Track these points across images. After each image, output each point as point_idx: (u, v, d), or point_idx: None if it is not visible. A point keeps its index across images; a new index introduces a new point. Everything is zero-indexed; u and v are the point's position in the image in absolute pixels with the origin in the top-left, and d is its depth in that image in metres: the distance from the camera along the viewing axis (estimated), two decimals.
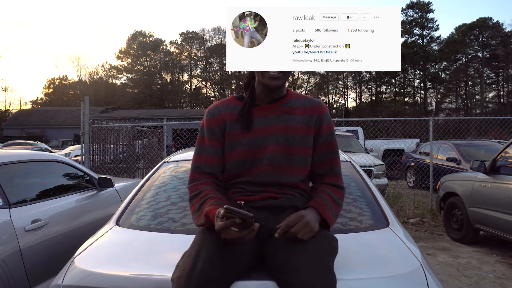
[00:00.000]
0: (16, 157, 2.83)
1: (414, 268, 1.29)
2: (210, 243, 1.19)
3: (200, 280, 1.09)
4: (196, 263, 1.13)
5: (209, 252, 1.16)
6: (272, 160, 1.40)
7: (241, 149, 1.42)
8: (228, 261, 1.16)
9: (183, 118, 24.03)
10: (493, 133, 11.99)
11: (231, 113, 1.46)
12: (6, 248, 2.30)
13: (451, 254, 4.42)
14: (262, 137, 1.41)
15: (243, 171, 1.42)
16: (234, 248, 1.19)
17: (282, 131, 1.42)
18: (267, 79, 1.37)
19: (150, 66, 57.29)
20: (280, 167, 1.40)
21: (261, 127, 1.42)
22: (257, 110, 1.45)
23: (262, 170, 1.40)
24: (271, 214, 1.36)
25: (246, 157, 1.41)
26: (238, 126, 1.44)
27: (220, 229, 1.13)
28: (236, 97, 1.53)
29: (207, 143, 1.46)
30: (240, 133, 1.43)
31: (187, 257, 1.19)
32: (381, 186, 7.01)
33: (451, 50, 46.90)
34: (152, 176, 2.19)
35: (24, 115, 38.01)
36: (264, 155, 1.40)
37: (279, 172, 1.40)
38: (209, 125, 1.46)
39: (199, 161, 1.45)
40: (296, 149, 1.42)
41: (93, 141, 7.29)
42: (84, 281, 1.30)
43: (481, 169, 4.49)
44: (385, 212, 1.77)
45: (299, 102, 1.48)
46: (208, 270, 1.11)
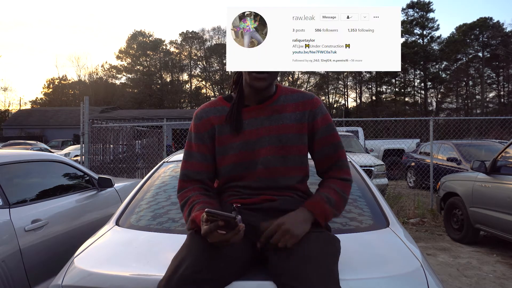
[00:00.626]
0: (16, 157, 2.82)
1: (414, 268, 1.29)
2: (196, 246, 1.17)
3: (180, 282, 1.07)
4: (179, 266, 1.12)
5: (193, 255, 1.14)
6: (266, 164, 1.37)
7: (232, 153, 1.39)
8: (216, 264, 1.13)
9: (183, 118, 24.02)
10: (494, 133, 11.99)
11: (220, 116, 1.42)
12: (6, 248, 2.30)
13: (451, 254, 4.42)
14: (254, 140, 1.38)
15: (237, 175, 1.40)
16: (222, 251, 1.16)
17: (274, 132, 1.38)
18: (253, 80, 1.33)
19: (150, 66, 57.31)
20: (275, 170, 1.38)
21: (251, 129, 1.39)
22: (246, 111, 1.41)
23: (257, 175, 1.38)
24: (269, 216, 1.33)
25: (238, 161, 1.38)
26: (228, 129, 1.40)
27: (205, 234, 1.11)
28: (225, 97, 1.48)
29: (194, 149, 1.43)
30: (230, 136, 1.40)
31: (173, 260, 1.18)
32: (381, 186, 7.01)
33: (451, 50, 46.90)
34: (152, 176, 2.19)
35: (24, 115, 38.03)
36: (258, 159, 1.37)
37: (275, 175, 1.38)
38: (196, 130, 1.43)
39: (187, 168, 1.42)
40: (291, 149, 1.39)
41: (92, 141, 7.29)
42: (84, 281, 1.29)
43: (481, 169, 4.49)
44: (385, 212, 1.77)
45: (290, 98, 1.43)
46: (191, 272, 1.09)
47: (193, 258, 1.13)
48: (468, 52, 48.28)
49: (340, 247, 1.28)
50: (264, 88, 1.36)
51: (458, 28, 48.60)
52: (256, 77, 1.33)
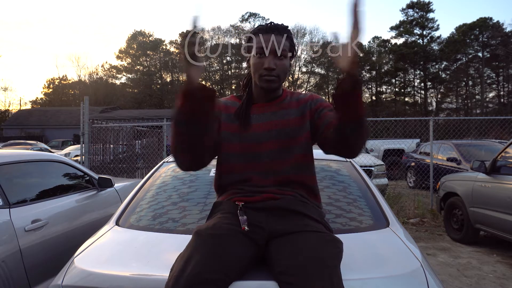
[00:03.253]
0: (16, 157, 2.82)
1: (414, 268, 1.29)
2: (203, 246, 1.18)
3: (188, 282, 1.07)
4: (186, 265, 1.12)
5: (201, 254, 1.15)
6: (272, 157, 1.42)
7: (237, 142, 1.44)
8: (222, 263, 1.14)
9: None
10: (494, 133, 11.98)
11: (229, 106, 1.49)
12: (6, 248, 2.30)
13: (451, 254, 4.42)
14: (259, 133, 1.43)
15: (242, 166, 1.42)
16: (228, 250, 1.17)
17: (279, 126, 1.44)
18: (263, 81, 1.39)
19: (150, 66, 57.28)
20: (281, 162, 1.42)
21: (258, 123, 1.45)
22: (255, 107, 1.48)
23: (262, 169, 1.41)
24: (272, 215, 1.34)
25: (242, 151, 1.42)
26: (234, 119, 1.46)
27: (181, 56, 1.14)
28: (237, 96, 1.56)
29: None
30: (237, 126, 1.45)
31: (180, 259, 1.18)
32: (381, 186, 7.01)
33: (451, 50, 46.88)
34: (152, 176, 2.19)
35: (24, 115, 38.02)
36: (263, 152, 1.42)
37: (280, 167, 1.42)
38: None
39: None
40: (295, 140, 1.44)
41: (92, 141, 7.29)
42: (84, 281, 1.29)
43: (481, 169, 4.49)
44: (385, 212, 1.77)
45: (295, 97, 1.51)
46: (198, 272, 1.09)
47: (199, 258, 1.14)
48: (468, 52, 48.25)
49: (342, 249, 1.28)
50: (273, 89, 1.43)
51: (458, 28, 48.58)
52: (266, 79, 1.38)
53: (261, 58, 1.39)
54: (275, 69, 1.38)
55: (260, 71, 1.39)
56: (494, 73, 48.97)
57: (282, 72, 1.41)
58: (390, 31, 59.96)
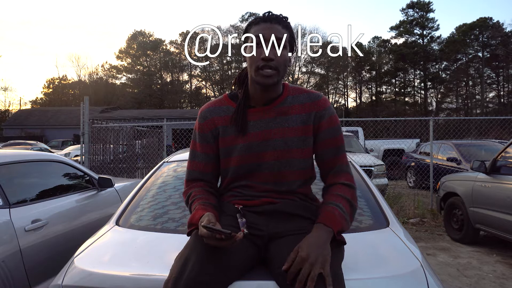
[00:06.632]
0: (16, 157, 2.82)
1: (414, 268, 1.29)
2: (201, 246, 1.16)
3: (187, 285, 1.06)
4: (185, 266, 1.11)
5: (199, 255, 1.13)
6: (272, 168, 1.35)
7: (237, 155, 1.36)
8: (220, 264, 1.13)
9: (183, 118, 24.03)
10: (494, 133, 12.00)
11: (224, 117, 1.39)
12: (6, 248, 2.30)
13: (451, 254, 4.42)
14: (259, 143, 1.35)
15: (241, 176, 1.39)
16: (227, 251, 1.16)
17: (279, 136, 1.34)
18: (260, 76, 1.28)
19: (150, 66, 57.28)
20: (280, 174, 1.35)
21: (257, 131, 1.35)
22: (251, 113, 1.37)
23: (262, 179, 1.37)
24: (271, 219, 1.32)
25: (242, 163, 1.36)
26: (232, 130, 1.37)
27: (202, 236, 1.14)
28: (230, 96, 1.45)
29: (198, 149, 1.44)
30: (234, 137, 1.37)
31: (178, 259, 1.16)
32: (381, 186, 7.01)
33: (451, 50, 46.90)
34: (152, 176, 2.19)
35: (24, 115, 38.02)
36: (263, 163, 1.35)
37: (279, 179, 1.36)
38: (201, 130, 1.43)
39: (192, 168, 1.45)
40: (296, 152, 1.35)
41: (93, 141, 7.29)
42: (84, 281, 1.29)
43: (481, 169, 4.49)
44: (385, 212, 1.77)
45: (297, 99, 1.38)
46: (197, 273, 1.08)
47: (198, 258, 1.13)
48: (468, 52, 48.28)
49: (344, 251, 1.27)
50: (271, 85, 1.31)
51: (458, 28, 48.61)
52: (263, 74, 1.28)
53: (259, 48, 1.28)
54: (273, 60, 1.27)
55: (258, 63, 1.28)
56: (494, 73, 48.98)
57: (281, 65, 1.29)
58: (390, 31, 60.11)
